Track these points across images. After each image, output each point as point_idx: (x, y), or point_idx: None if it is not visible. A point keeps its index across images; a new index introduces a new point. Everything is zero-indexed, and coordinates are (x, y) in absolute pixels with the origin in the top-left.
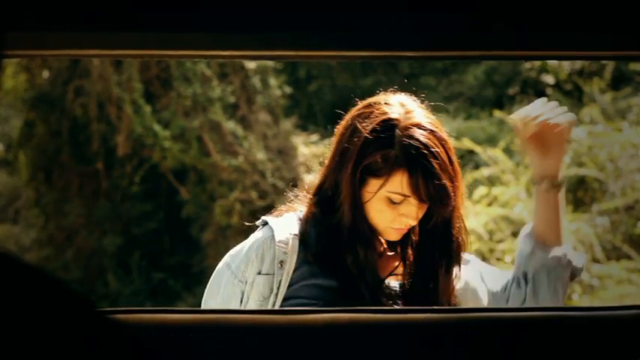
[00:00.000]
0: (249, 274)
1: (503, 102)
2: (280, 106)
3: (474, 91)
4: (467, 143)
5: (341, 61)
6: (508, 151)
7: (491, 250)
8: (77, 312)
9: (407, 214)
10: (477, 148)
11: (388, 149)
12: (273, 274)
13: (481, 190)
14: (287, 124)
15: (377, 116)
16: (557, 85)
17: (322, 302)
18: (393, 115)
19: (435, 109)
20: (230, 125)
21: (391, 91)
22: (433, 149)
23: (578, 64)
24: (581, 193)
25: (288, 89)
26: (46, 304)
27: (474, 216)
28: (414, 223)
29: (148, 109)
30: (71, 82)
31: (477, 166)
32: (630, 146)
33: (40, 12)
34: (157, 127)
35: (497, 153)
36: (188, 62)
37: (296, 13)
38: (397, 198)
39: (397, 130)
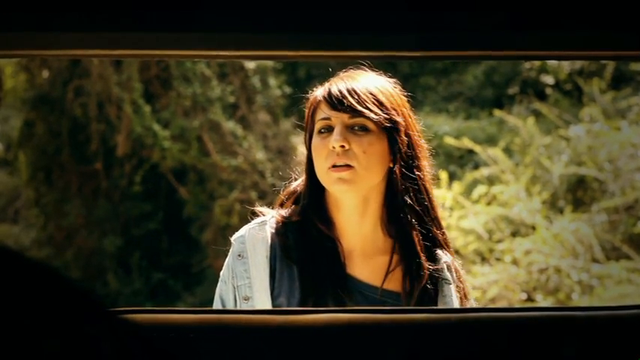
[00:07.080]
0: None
1: (502, 102)
2: (280, 106)
3: (473, 91)
4: (466, 143)
5: (341, 61)
6: (508, 151)
7: (491, 250)
8: (86, 309)
9: (333, 137)
10: (477, 148)
11: (314, 101)
12: (234, 267)
13: (480, 190)
14: (287, 124)
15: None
16: (557, 85)
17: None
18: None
19: (434, 109)
20: (230, 125)
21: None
22: (347, 80)
23: (578, 63)
24: (581, 193)
25: (287, 89)
26: (52, 301)
27: (473, 215)
28: (338, 143)
29: (147, 109)
30: (71, 82)
31: (476, 166)
32: (630, 146)
33: (39, 12)
34: (156, 127)
35: (496, 152)
36: (188, 62)
37: (296, 13)
38: (322, 124)
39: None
